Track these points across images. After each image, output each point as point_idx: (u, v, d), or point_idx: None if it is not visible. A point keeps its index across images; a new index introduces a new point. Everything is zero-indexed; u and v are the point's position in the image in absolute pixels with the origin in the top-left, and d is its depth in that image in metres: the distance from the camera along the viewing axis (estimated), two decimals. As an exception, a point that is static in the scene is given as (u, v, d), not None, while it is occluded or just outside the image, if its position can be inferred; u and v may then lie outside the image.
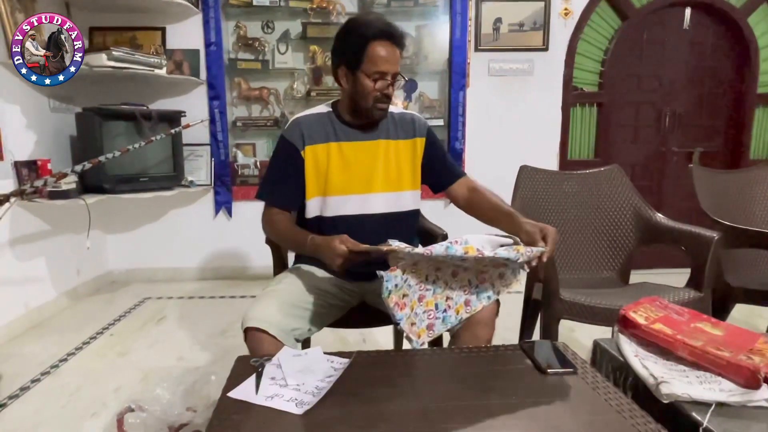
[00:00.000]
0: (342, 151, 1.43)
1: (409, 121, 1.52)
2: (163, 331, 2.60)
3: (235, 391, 0.97)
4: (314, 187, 1.44)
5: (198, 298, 3.13)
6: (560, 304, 1.69)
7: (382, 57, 1.33)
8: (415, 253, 1.10)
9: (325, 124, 1.45)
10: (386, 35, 1.33)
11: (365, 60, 1.33)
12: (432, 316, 1.21)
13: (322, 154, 1.43)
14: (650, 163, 3.64)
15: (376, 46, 1.33)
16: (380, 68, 1.34)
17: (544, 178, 2.16)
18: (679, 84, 3.56)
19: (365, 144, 1.45)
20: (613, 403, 0.94)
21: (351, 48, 1.35)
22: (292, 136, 1.43)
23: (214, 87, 3.28)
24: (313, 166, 1.43)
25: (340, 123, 1.45)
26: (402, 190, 1.49)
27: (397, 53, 1.36)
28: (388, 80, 1.36)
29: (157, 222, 3.46)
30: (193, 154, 3.35)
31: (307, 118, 1.46)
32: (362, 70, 1.35)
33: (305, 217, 1.46)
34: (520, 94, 3.42)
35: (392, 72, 1.36)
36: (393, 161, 1.47)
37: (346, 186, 1.43)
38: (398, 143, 1.48)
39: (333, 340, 2.28)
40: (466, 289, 1.24)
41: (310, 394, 0.95)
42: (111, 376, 2.08)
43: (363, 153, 1.45)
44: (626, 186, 2.10)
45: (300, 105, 3.41)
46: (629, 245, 2.05)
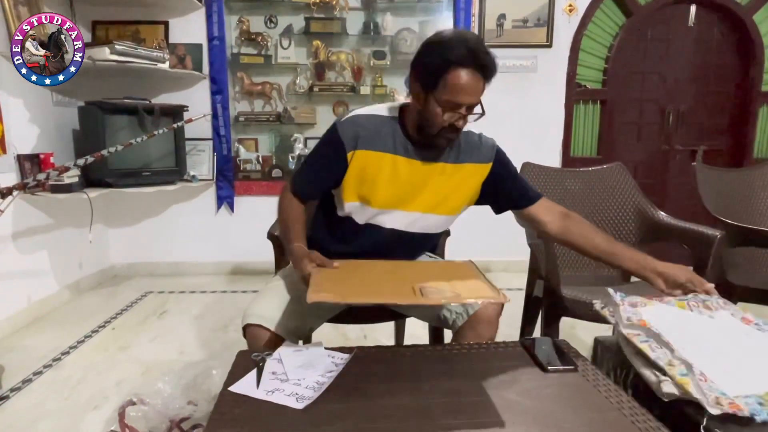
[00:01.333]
0: (396, 166, 1.31)
1: (477, 143, 1.38)
2: (164, 325, 2.61)
3: (236, 386, 0.98)
4: (355, 192, 1.33)
5: (200, 292, 3.14)
6: (561, 302, 1.69)
7: (461, 86, 1.17)
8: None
9: (387, 132, 1.31)
10: (473, 62, 1.16)
11: (440, 85, 1.18)
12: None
13: (374, 162, 1.30)
14: (653, 161, 3.63)
15: (458, 72, 1.16)
16: (456, 99, 1.18)
17: (547, 176, 2.15)
18: (683, 82, 3.55)
19: (423, 166, 1.32)
20: (614, 401, 0.94)
21: (429, 67, 1.19)
22: (345, 133, 1.30)
23: (216, 82, 3.28)
24: (359, 170, 1.30)
25: (403, 136, 1.31)
26: (445, 214, 1.38)
27: (481, 84, 1.19)
28: (462, 113, 1.21)
29: (159, 216, 3.47)
30: (196, 148, 3.36)
31: (368, 120, 1.32)
32: (435, 96, 1.19)
33: (338, 213, 1.39)
34: (523, 91, 3.41)
35: (468, 103, 1.21)
36: (444, 185, 1.35)
37: (387, 201, 1.33)
38: (458, 167, 1.35)
39: (334, 335, 2.28)
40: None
41: (311, 389, 0.95)
42: (112, 370, 2.09)
43: (417, 174, 1.33)
44: (629, 184, 2.09)
45: (302, 100, 3.40)
46: (631, 243, 2.04)
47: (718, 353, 1.05)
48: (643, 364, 1.04)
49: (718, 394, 0.90)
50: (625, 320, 1.15)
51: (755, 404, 0.88)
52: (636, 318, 1.14)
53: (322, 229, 1.44)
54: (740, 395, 0.91)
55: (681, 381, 0.93)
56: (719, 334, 1.14)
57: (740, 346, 1.10)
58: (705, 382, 0.93)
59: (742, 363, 1.02)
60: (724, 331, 1.16)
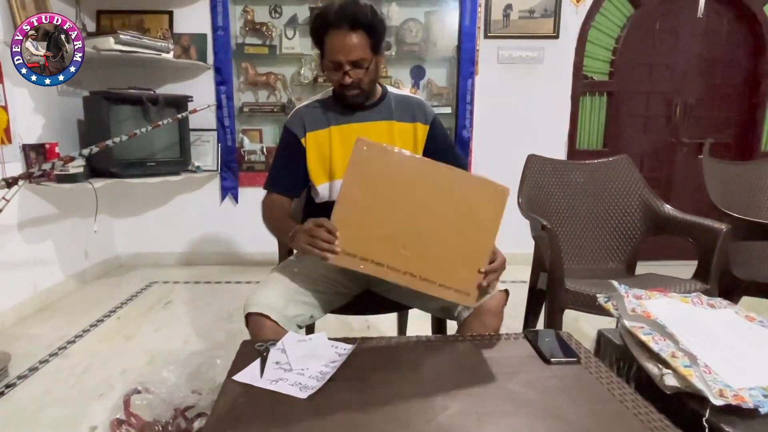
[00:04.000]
0: (343, 134, 1.43)
1: (414, 105, 1.49)
2: (169, 315, 2.63)
3: (239, 375, 0.98)
4: (321, 172, 1.44)
5: (204, 283, 3.16)
6: (565, 294, 1.69)
7: (335, 46, 1.30)
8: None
9: (326, 109, 1.45)
10: (340, 21, 1.28)
11: (325, 51, 1.33)
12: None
13: (324, 139, 1.43)
14: (660, 153, 3.60)
15: (331, 34, 1.30)
16: (334, 58, 1.31)
17: (552, 168, 2.14)
18: (691, 74, 3.51)
19: (365, 126, 1.43)
20: (616, 393, 0.94)
21: (314, 38, 1.35)
22: (293, 124, 1.44)
23: (221, 72, 3.27)
24: (317, 151, 1.43)
25: (340, 107, 1.44)
26: None
27: (357, 39, 1.29)
28: (346, 69, 1.32)
29: (164, 207, 3.48)
30: (200, 139, 3.36)
31: (308, 107, 1.47)
32: (324, 61, 1.35)
33: (316, 202, 1.48)
34: (529, 83, 3.39)
35: (347, 60, 1.31)
36: (392, 143, 1.44)
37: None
38: (399, 125, 1.46)
39: (337, 326, 2.29)
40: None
41: (314, 378, 0.96)
42: (118, 359, 2.10)
43: (363, 134, 1.40)
44: (635, 176, 2.08)
45: (307, 91, 3.39)
46: (636, 236, 2.04)
47: (722, 346, 1.05)
48: (645, 357, 1.04)
49: (722, 386, 0.90)
50: (628, 312, 1.15)
51: (760, 396, 0.89)
52: (640, 310, 1.14)
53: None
54: (744, 387, 0.91)
55: (684, 372, 0.93)
56: (723, 328, 1.14)
57: (744, 339, 1.09)
58: (709, 374, 0.93)
59: (746, 356, 1.02)
60: (728, 325, 1.16)
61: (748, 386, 0.91)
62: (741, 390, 0.90)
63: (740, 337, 1.10)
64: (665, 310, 1.16)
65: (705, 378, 0.91)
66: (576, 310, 1.70)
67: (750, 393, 0.89)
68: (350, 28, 1.29)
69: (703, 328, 1.12)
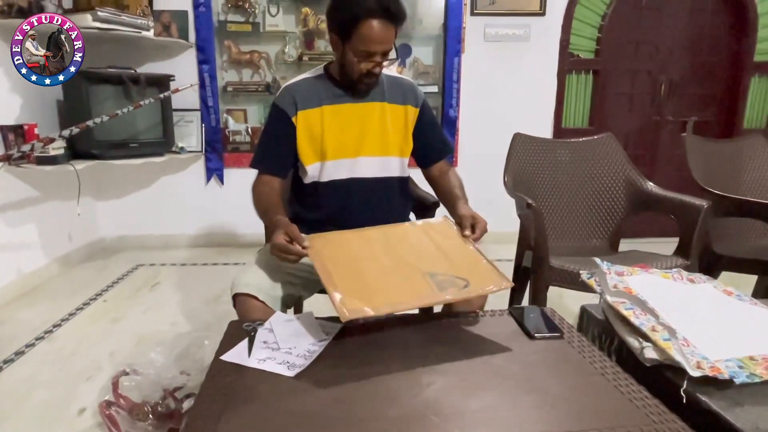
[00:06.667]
0: (336, 114, 1.41)
1: (406, 87, 1.49)
2: (156, 297, 2.62)
3: (227, 355, 0.99)
4: (311, 152, 1.42)
5: (191, 265, 3.15)
6: (549, 272, 1.71)
7: (372, 37, 1.26)
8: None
9: (318, 88, 1.42)
10: (381, 11, 1.24)
11: (354, 36, 1.27)
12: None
13: (316, 119, 1.40)
14: (644, 132, 3.63)
15: (368, 23, 1.25)
16: (369, 48, 1.28)
17: (537, 146, 2.15)
18: (676, 51, 3.52)
19: (358, 106, 1.42)
20: (598, 366, 0.96)
21: (341, 20, 1.28)
22: (284, 102, 1.41)
23: (203, 50, 3.21)
24: (307, 131, 1.41)
25: (333, 86, 1.42)
26: (389, 155, 1.46)
27: (392, 31, 1.28)
28: (377, 60, 1.31)
29: (148, 188, 3.44)
30: (183, 119, 3.30)
31: (298, 84, 1.43)
32: (350, 46, 1.29)
33: (304, 182, 1.46)
34: (515, 61, 3.37)
35: (382, 51, 1.30)
36: (384, 125, 1.44)
37: (340, 149, 1.42)
38: (391, 107, 1.45)
39: (325, 305, 2.29)
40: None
41: (302, 357, 0.97)
42: (105, 341, 2.10)
43: (356, 115, 1.42)
44: (619, 154, 2.10)
45: (291, 70, 3.34)
46: (620, 213, 2.07)
47: (700, 320, 1.08)
48: (626, 331, 1.07)
49: (699, 358, 0.93)
50: (611, 288, 1.17)
51: (735, 367, 0.91)
52: (622, 286, 1.16)
53: (294, 205, 1.53)
54: (721, 359, 0.94)
55: (663, 345, 0.96)
56: (702, 303, 1.17)
57: (722, 313, 1.12)
58: (687, 347, 0.96)
59: (723, 329, 1.05)
60: (706, 299, 1.19)
61: (725, 358, 0.94)
62: (717, 362, 0.93)
63: (718, 310, 1.13)
64: (646, 286, 1.18)
65: (683, 351, 0.94)
66: (560, 287, 1.73)
67: (726, 364, 0.92)
68: (390, 20, 1.26)
69: (683, 302, 1.15)
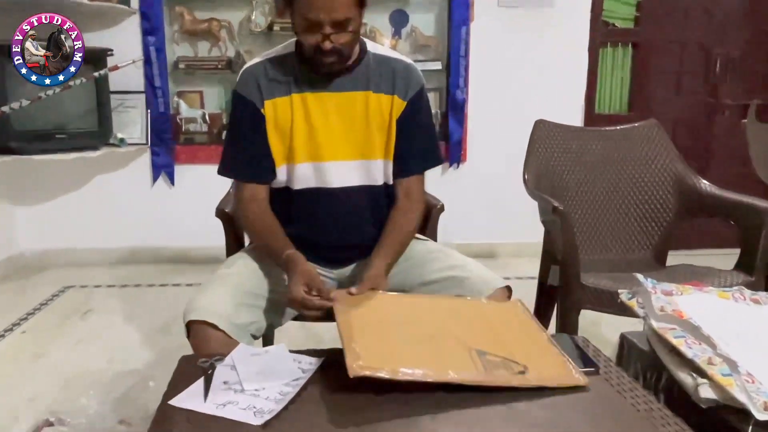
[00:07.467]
0: (306, 106, 1.38)
1: (398, 71, 1.43)
2: (89, 327, 2.61)
3: (178, 399, 0.98)
4: (280, 150, 1.41)
5: (133, 286, 3.13)
6: (581, 292, 1.72)
7: (312, 1, 1.22)
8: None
9: (287, 69, 1.39)
10: None
11: (295, 2, 1.24)
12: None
13: (284, 110, 1.38)
14: (696, 118, 3.67)
15: None
16: (308, 15, 1.23)
17: (565, 136, 2.16)
18: (734, 20, 3.56)
19: (336, 96, 1.39)
20: (642, 408, 0.96)
21: None
22: (247, 90, 1.39)
23: (148, 18, 3.21)
24: (275, 125, 1.39)
25: (305, 69, 1.38)
26: (372, 158, 1.43)
27: None
28: (326, 32, 1.24)
29: (80, 191, 3.43)
30: (124, 104, 3.30)
31: (262, 66, 1.41)
32: (295, 14, 1.26)
33: (273, 187, 1.45)
34: (536, 32, 3.40)
35: (330, 20, 1.23)
36: (367, 120, 1.41)
37: (311, 151, 1.40)
38: (377, 97, 1.41)
39: (303, 336, 2.30)
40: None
41: (272, 400, 0.96)
42: (24, 383, 2.08)
43: (333, 107, 1.39)
44: (665, 146, 2.12)
45: (259, 42, 3.36)
46: (667, 219, 2.08)
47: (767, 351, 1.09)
48: (677, 365, 1.07)
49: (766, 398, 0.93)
50: (657, 311, 1.17)
51: None
52: (670, 308, 1.17)
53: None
54: None
55: (723, 382, 0.96)
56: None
57: None
58: (752, 384, 0.96)
59: (796, 362, 1.05)
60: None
61: None
62: None
63: (789, 339, 1.14)
64: (700, 308, 1.19)
65: (747, 388, 0.94)
66: (594, 311, 1.73)
67: None
68: None
69: (746, 328, 1.15)
